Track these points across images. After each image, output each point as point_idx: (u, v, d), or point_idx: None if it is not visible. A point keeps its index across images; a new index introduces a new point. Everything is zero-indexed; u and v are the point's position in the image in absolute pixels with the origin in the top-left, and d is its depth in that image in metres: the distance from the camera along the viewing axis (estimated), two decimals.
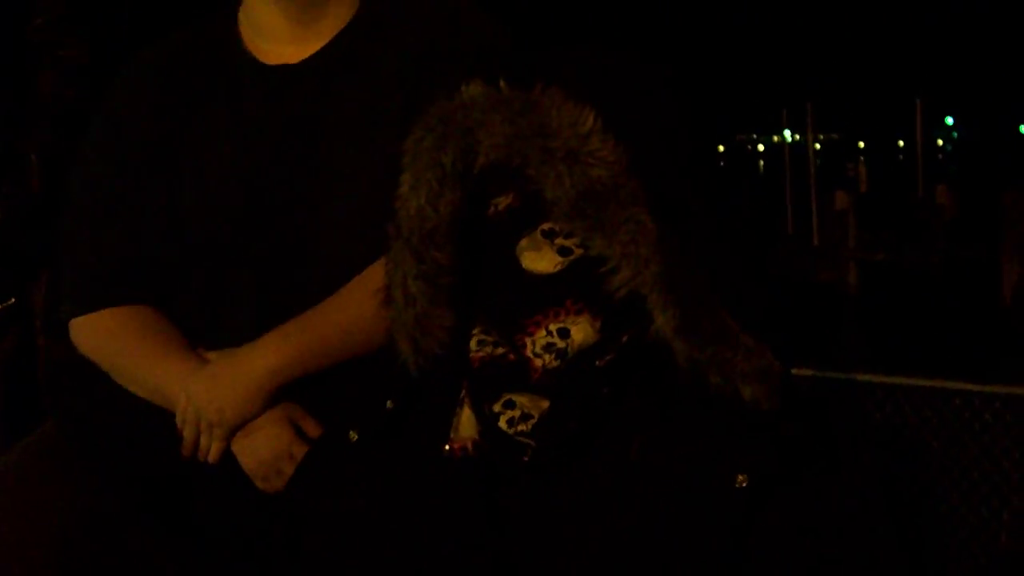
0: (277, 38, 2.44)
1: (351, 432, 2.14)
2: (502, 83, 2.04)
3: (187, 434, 2.30)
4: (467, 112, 2.05)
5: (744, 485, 1.91)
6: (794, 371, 2.07)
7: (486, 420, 1.99)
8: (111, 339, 2.41)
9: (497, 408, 1.98)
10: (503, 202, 2.02)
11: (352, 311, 2.33)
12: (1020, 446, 4.74)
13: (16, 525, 2.19)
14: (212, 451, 2.31)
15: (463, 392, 2.04)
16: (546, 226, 2.00)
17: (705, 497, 1.91)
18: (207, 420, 2.28)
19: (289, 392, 2.34)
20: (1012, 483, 4.71)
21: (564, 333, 1.98)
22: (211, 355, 2.36)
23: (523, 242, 2.01)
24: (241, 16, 2.49)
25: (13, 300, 2.78)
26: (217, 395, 2.30)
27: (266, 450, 2.29)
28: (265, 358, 2.32)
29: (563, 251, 2.00)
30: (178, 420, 2.30)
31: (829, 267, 18.50)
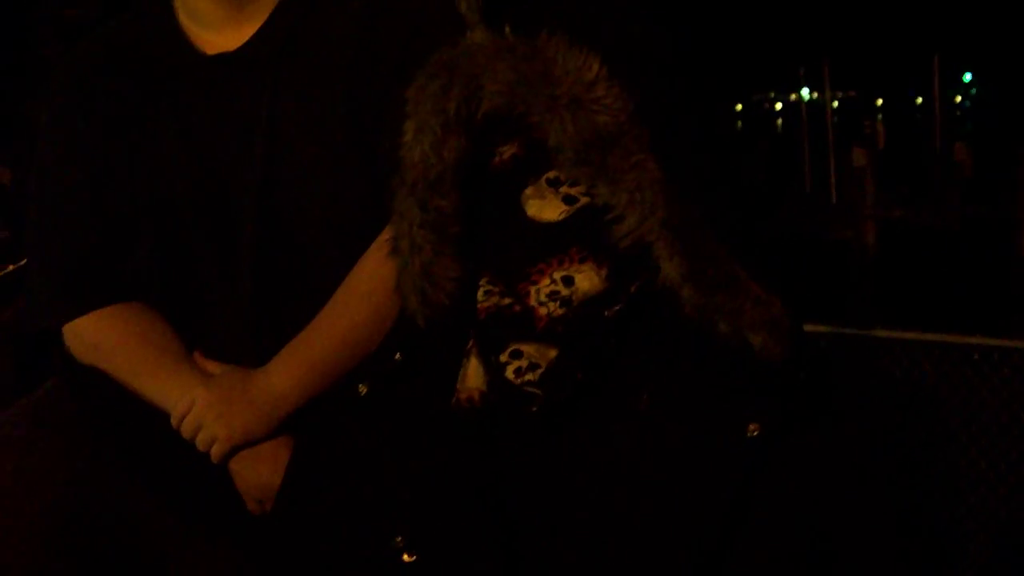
0: (212, 24, 2.38)
1: (360, 386, 2.13)
2: (506, 29, 2.02)
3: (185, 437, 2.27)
4: (471, 59, 2.03)
5: (755, 434, 1.89)
6: (812, 327, 2.05)
7: (493, 370, 1.97)
8: (105, 344, 2.37)
9: (504, 358, 1.97)
10: (507, 150, 2.00)
11: (358, 315, 2.29)
12: None
13: (14, 483, 2.18)
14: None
15: (470, 343, 2.02)
16: (551, 174, 1.98)
17: (716, 446, 1.89)
18: (211, 434, 2.24)
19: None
20: None
21: (569, 281, 1.96)
22: (211, 365, 2.33)
23: (528, 190, 1.99)
24: (176, 2, 2.43)
25: (24, 262, 2.73)
26: (227, 412, 2.26)
27: (270, 475, 2.26)
28: (280, 384, 2.28)
29: (568, 199, 1.98)
30: (175, 425, 2.26)
31: (847, 225, 18.42)
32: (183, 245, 2.37)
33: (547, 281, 1.96)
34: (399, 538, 1.96)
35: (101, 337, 2.37)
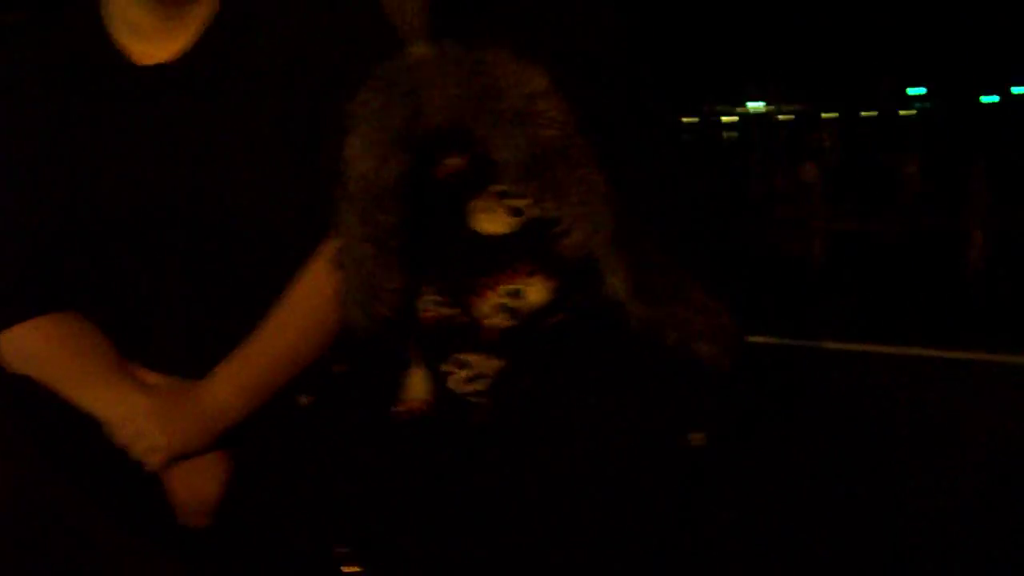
0: (145, 34, 2.35)
1: (302, 397, 2.12)
2: (449, 43, 2.02)
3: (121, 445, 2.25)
4: (414, 73, 2.03)
5: (700, 442, 1.89)
6: (762, 339, 2.06)
7: (437, 380, 1.98)
8: (40, 354, 2.33)
9: (448, 368, 1.97)
10: (452, 164, 2.00)
11: (300, 327, 2.29)
12: (985, 411, 4.76)
13: None
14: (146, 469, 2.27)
15: (413, 353, 2.02)
16: (497, 187, 1.98)
17: (660, 455, 1.90)
18: (150, 443, 2.22)
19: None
20: (976, 447, 4.72)
21: (517, 294, 1.96)
22: (150, 376, 2.31)
23: (474, 203, 1.99)
24: (104, 9, 2.39)
25: None
26: (168, 421, 2.23)
27: (206, 488, 2.25)
28: (222, 396, 2.26)
29: (515, 212, 1.98)
30: (111, 433, 2.24)
31: (796, 238, 18.52)
32: (117, 256, 2.35)
33: (495, 293, 1.96)
34: (342, 548, 1.96)
35: (34, 347, 2.34)
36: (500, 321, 1.96)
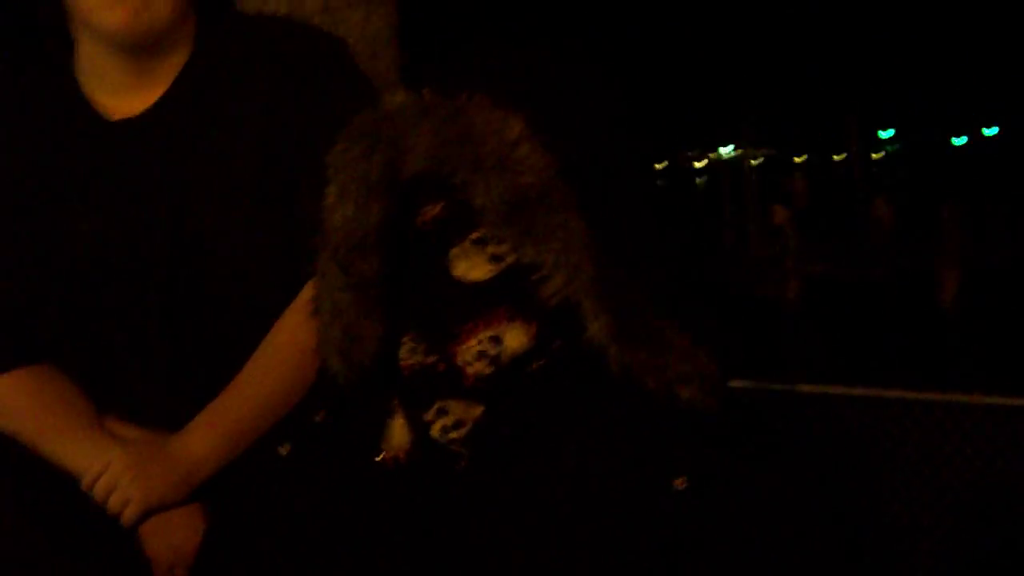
0: (116, 89, 2.36)
1: (281, 446, 2.12)
2: (426, 91, 2.02)
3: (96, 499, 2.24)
4: (392, 122, 2.03)
5: (683, 487, 1.89)
6: (737, 383, 2.07)
7: (418, 429, 1.97)
8: (15, 407, 2.33)
9: (430, 416, 1.97)
10: (431, 211, 2.00)
11: (276, 378, 2.28)
12: (960, 453, 4.76)
13: None
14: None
15: (394, 401, 2.01)
16: (476, 234, 1.98)
17: (642, 501, 1.90)
18: (124, 496, 2.20)
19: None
20: (953, 489, 4.72)
21: (497, 340, 1.96)
22: (125, 430, 2.29)
23: (454, 251, 1.99)
24: (77, 63, 2.40)
25: None
26: (142, 474, 2.23)
27: (183, 540, 2.23)
28: (197, 449, 2.27)
29: (495, 259, 1.98)
30: (86, 487, 2.23)
31: (768, 280, 18.55)
32: (93, 309, 2.34)
33: (475, 341, 1.96)
34: None
35: (8, 400, 2.34)
36: (480, 368, 1.95)
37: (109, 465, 2.23)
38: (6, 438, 2.32)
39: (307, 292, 2.19)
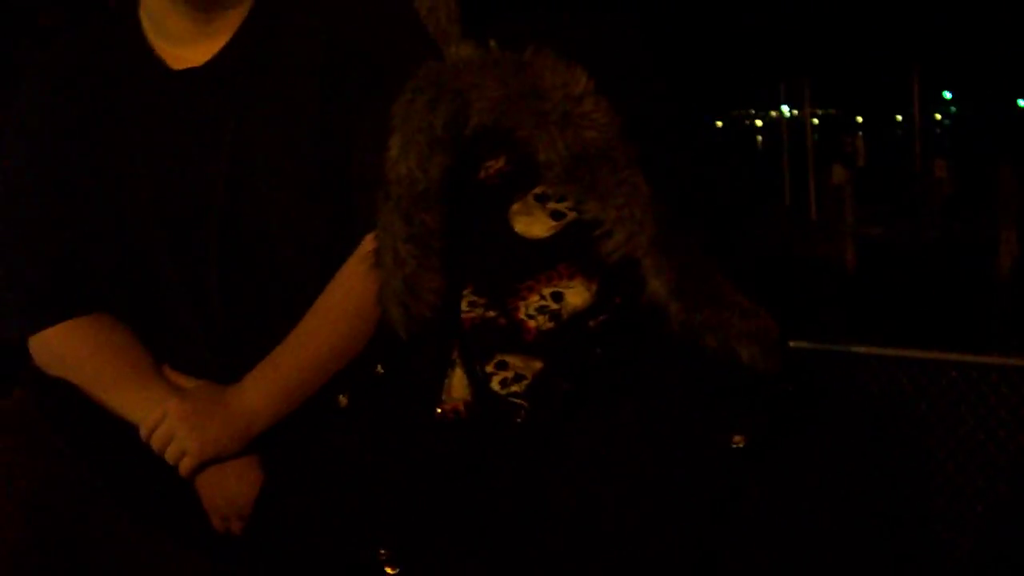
0: (180, 39, 2.37)
1: (340, 397, 2.13)
2: (492, 44, 2.03)
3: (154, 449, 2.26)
4: (458, 74, 2.03)
5: (741, 445, 1.90)
6: (792, 344, 2.06)
7: (478, 381, 1.98)
8: (74, 356, 2.35)
9: (490, 369, 1.98)
10: (494, 165, 2.01)
11: (333, 332, 2.29)
12: (1016, 417, 4.73)
13: None
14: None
15: (454, 354, 2.02)
16: (538, 190, 1.99)
17: (700, 457, 1.90)
18: (181, 447, 2.24)
19: None
20: (1008, 453, 4.70)
21: (558, 296, 1.97)
22: (182, 380, 2.33)
23: (515, 206, 2.00)
24: (142, 14, 2.41)
25: None
26: (200, 425, 2.25)
27: (239, 491, 2.26)
28: (254, 401, 2.28)
29: (556, 215, 1.98)
30: (144, 437, 2.26)
31: (826, 241, 18.48)
32: (149, 259, 2.35)
33: (536, 296, 1.96)
34: (383, 551, 1.96)
35: (68, 349, 2.35)
36: (541, 323, 1.96)
37: (167, 415, 2.25)
38: (65, 387, 2.34)
39: (367, 244, 2.21)
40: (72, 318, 2.36)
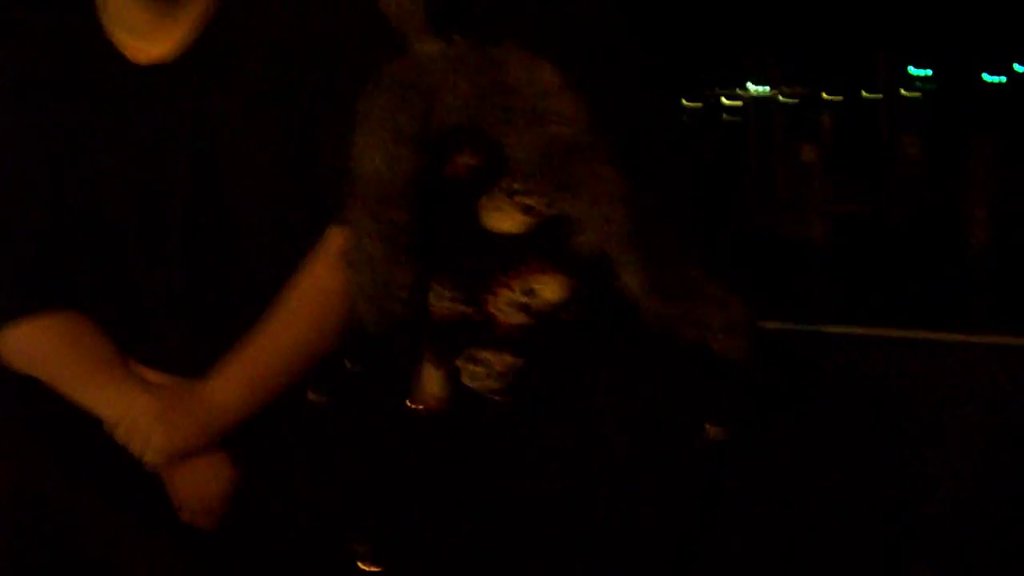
0: (140, 31, 2.36)
1: (312, 393, 2.12)
2: (457, 39, 2.02)
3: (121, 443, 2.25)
4: (423, 71, 2.02)
5: (717, 435, 1.89)
6: (762, 323, 2.06)
7: (451, 376, 1.98)
8: (41, 353, 2.34)
9: (461, 363, 1.97)
10: (462, 160, 2.00)
11: (302, 326, 2.28)
12: (990, 394, 4.74)
13: None
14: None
15: (426, 349, 2.02)
16: (509, 185, 1.98)
17: (676, 448, 1.89)
18: (150, 442, 2.23)
19: None
20: (982, 431, 4.71)
21: (530, 291, 1.97)
22: (150, 375, 2.31)
23: (484, 201, 1.99)
24: (100, 6, 2.40)
25: None
26: (167, 420, 2.24)
27: (207, 487, 2.25)
28: (222, 395, 2.26)
29: (527, 210, 1.98)
30: (111, 432, 2.25)
31: (796, 220, 18.49)
32: (118, 253, 2.34)
33: (508, 291, 1.96)
34: (359, 547, 1.96)
35: (34, 345, 2.34)
36: (514, 318, 1.96)
37: (134, 410, 2.24)
38: (33, 383, 2.33)
39: (331, 237, 2.21)
40: (38, 314, 2.35)
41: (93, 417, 2.28)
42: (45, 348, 2.34)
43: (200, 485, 2.27)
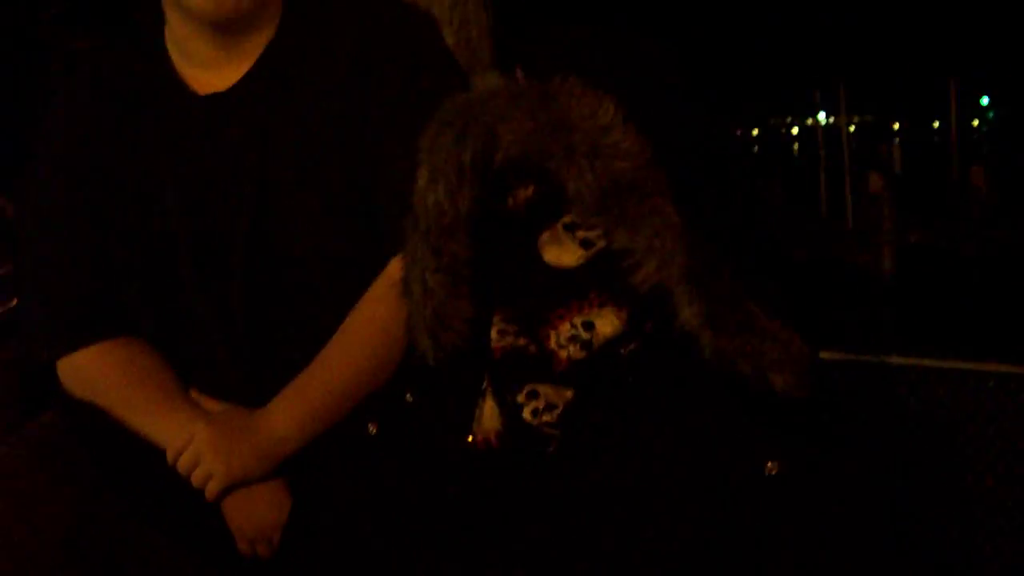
0: (204, 63, 2.38)
1: (370, 425, 2.12)
2: (519, 74, 2.02)
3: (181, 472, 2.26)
4: (485, 106, 2.03)
5: (774, 472, 1.88)
6: (827, 354, 2.05)
7: (510, 411, 1.98)
8: (101, 379, 2.36)
9: (521, 399, 1.97)
10: (522, 195, 2.00)
11: (360, 355, 2.29)
12: None
13: (15, 516, 2.17)
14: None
15: (485, 383, 2.02)
16: (567, 219, 1.98)
17: (734, 485, 1.89)
18: (208, 470, 2.24)
19: None
20: None
21: (589, 326, 1.97)
22: (209, 403, 2.33)
23: (544, 236, 2.00)
24: (168, 38, 2.43)
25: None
26: (226, 449, 2.25)
27: (266, 515, 2.26)
28: (281, 425, 2.28)
29: (585, 243, 1.98)
30: (171, 461, 2.27)
31: (863, 250, 18.38)
32: (175, 283, 2.36)
33: (567, 325, 1.96)
34: None
35: (96, 372, 2.36)
36: (572, 352, 1.96)
37: (193, 439, 2.25)
38: (93, 410, 2.34)
39: (391, 270, 2.23)
40: (101, 341, 2.36)
41: (152, 445, 2.29)
42: (106, 375, 2.35)
43: (258, 513, 2.28)
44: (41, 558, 2.17)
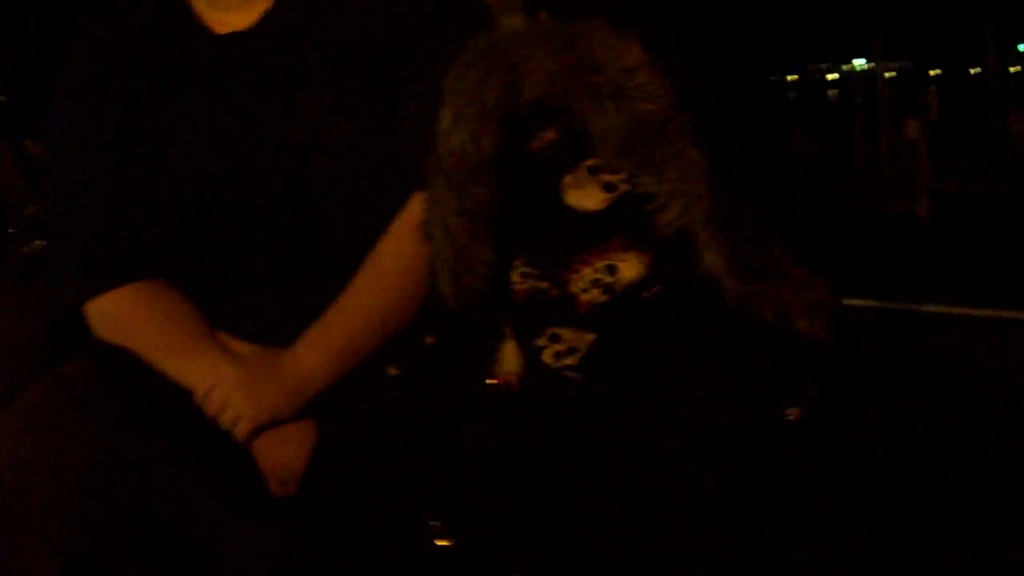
0: (223, 4, 2.38)
1: (390, 368, 2.12)
2: (544, 15, 2.01)
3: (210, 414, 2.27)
4: (509, 47, 2.02)
5: (795, 418, 1.87)
6: (861, 302, 2.04)
7: (531, 354, 1.97)
8: (130, 322, 2.36)
9: (542, 342, 1.97)
10: (546, 137, 1.99)
11: (384, 293, 2.30)
12: None
13: (46, 458, 2.18)
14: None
15: (506, 326, 2.01)
16: (590, 162, 1.97)
17: (754, 429, 1.88)
18: (237, 412, 2.25)
19: None
20: None
21: (612, 269, 1.95)
22: (236, 345, 2.34)
23: (567, 179, 1.98)
24: None
25: None
26: (254, 390, 2.26)
27: (296, 455, 2.26)
28: (308, 364, 2.29)
29: (608, 187, 1.97)
30: (199, 402, 2.28)
31: (900, 197, 18.31)
32: (202, 223, 2.36)
33: (590, 269, 1.95)
34: (434, 522, 1.96)
35: (124, 315, 2.36)
36: (594, 296, 1.95)
37: (221, 381, 2.26)
38: (121, 353, 2.35)
39: (413, 208, 2.22)
40: (127, 284, 2.37)
41: (181, 387, 2.30)
42: (133, 318, 2.36)
43: (288, 453, 2.28)
44: (70, 499, 2.18)
